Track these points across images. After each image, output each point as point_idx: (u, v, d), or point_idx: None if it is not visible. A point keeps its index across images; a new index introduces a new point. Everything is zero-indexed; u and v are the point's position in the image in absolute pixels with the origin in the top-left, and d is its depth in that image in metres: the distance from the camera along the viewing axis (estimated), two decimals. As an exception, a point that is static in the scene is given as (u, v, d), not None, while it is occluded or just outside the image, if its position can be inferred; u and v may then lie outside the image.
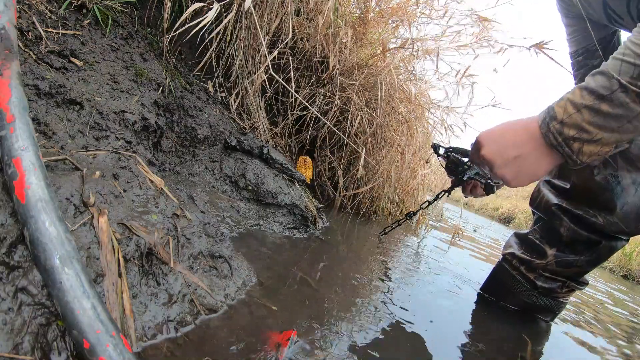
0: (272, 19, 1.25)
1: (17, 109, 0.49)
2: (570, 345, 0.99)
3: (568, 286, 0.99)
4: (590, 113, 0.59)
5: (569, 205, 0.94)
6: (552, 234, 0.99)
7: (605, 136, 0.60)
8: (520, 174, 0.70)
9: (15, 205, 0.44)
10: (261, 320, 0.60)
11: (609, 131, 0.59)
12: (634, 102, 0.56)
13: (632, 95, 0.56)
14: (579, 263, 0.95)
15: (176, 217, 0.65)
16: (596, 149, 0.62)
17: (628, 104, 0.56)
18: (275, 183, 1.12)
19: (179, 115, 1.08)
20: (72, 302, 0.39)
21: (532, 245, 1.02)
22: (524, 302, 1.03)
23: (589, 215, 0.91)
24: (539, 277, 0.99)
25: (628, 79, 0.55)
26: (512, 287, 1.04)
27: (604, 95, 0.58)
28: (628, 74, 0.55)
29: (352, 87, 1.60)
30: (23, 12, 0.72)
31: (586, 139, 0.61)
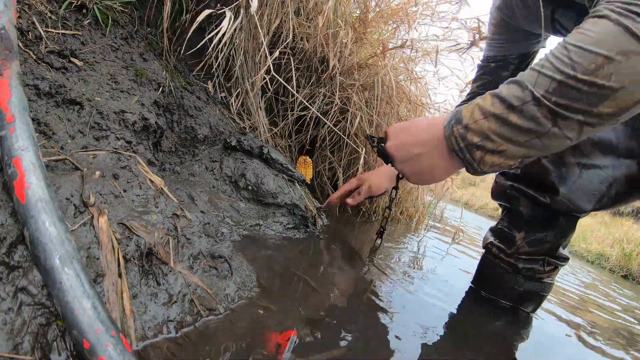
0: (272, 19, 1.25)
1: (17, 109, 0.49)
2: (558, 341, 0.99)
3: (548, 263, 1.02)
4: (498, 122, 0.56)
5: (522, 186, 0.99)
6: (516, 217, 1.04)
7: (510, 149, 0.57)
8: (420, 173, 0.69)
9: (15, 205, 0.44)
10: (261, 320, 0.60)
11: (516, 144, 0.56)
12: (545, 117, 0.53)
13: (544, 110, 0.53)
14: (547, 238, 0.99)
15: (176, 217, 0.65)
16: (499, 160, 0.59)
17: (539, 118, 0.53)
18: (275, 183, 1.12)
19: (179, 115, 1.08)
20: (72, 302, 0.39)
21: (503, 234, 1.07)
22: (512, 291, 1.06)
23: (539, 195, 0.96)
24: (519, 260, 1.03)
25: (543, 92, 0.52)
26: (498, 276, 1.08)
27: (515, 105, 0.55)
28: (543, 87, 0.53)
29: (352, 87, 1.60)
30: (23, 12, 0.72)
31: (490, 148, 0.58)
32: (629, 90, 0.49)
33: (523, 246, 1.02)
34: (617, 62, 0.48)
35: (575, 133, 0.53)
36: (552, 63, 0.53)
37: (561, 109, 0.52)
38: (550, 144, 0.55)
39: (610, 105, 0.50)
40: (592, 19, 0.52)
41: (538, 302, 1.08)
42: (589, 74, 0.49)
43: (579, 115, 0.51)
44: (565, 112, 0.52)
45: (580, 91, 0.50)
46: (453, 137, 0.61)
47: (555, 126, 0.53)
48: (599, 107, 0.50)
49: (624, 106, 0.50)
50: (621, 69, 0.48)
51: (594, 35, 0.50)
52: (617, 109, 0.50)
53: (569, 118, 0.52)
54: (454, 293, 1.10)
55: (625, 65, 0.48)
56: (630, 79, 0.48)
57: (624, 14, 0.48)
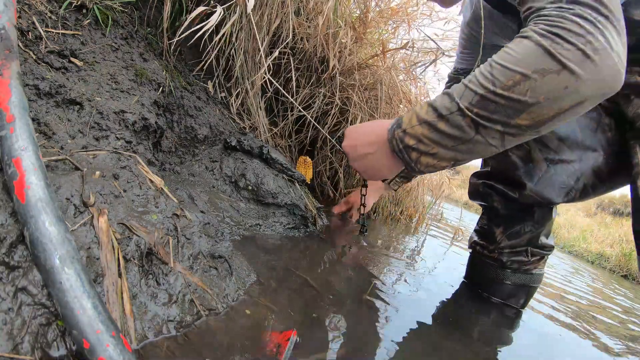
0: (272, 19, 1.25)
1: (17, 109, 0.49)
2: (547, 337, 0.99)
3: (532, 253, 1.04)
4: (429, 128, 0.62)
5: (493, 182, 1.05)
6: (493, 214, 1.09)
7: (440, 152, 0.63)
8: (369, 170, 0.76)
9: (15, 205, 0.44)
10: (261, 320, 0.60)
11: (445, 148, 0.62)
12: (468, 126, 0.58)
13: (468, 120, 0.58)
14: (525, 229, 1.03)
15: (176, 217, 0.65)
16: (433, 161, 0.65)
17: (463, 127, 0.59)
18: (275, 183, 1.12)
19: (179, 115, 1.08)
20: (72, 302, 0.39)
21: (484, 232, 1.12)
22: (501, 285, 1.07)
23: (509, 190, 1.01)
24: (502, 254, 1.06)
25: (467, 104, 0.58)
26: (486, 272, 1.11)
27: (444, 114, 0.60)
28: (468, 100, 0.58)
29: (353, 87, 1.60)
30: (23, 12, 0.72)
31: (423, 150, 0.64)
32: (543, 105, 0.53)
33: (503, 240, 1.06)
34: (533, 80, 0.53)
35: (498, 141, 0.59)
36: (477, 78, 0.58)
37: (482, 120, 0.57)
38: (475, 149, 0.61)
39: (527, 118, 0.55)
40: (518, 38, 0.57)
41: (528, 295, 1.09)
42: (507, 90, 0.54)
43: (498, 125, 0.57)
44: (485, 122, 0.57)
45: (498, 104, 0.55)
46: (394, 140, 0.67)
47: (478, 134, 0.59)
48: (515, 120, 0.56)
49: (540, 120, 0.55)
50: (536, 86, 0.53)
51: (515, 54, 0.55)
52: (533, 122, 0.55)
53: (489, 128, 0.57)
54: (453, 292, 1.10)
55: (541, 82, 0.52)
56: (545, 95, 0.53)
57: (545, 35, 0.52)
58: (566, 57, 0.51)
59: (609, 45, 0.50)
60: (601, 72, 0.50)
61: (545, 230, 1.04)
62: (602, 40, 0.50)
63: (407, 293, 0.96)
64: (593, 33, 0.50)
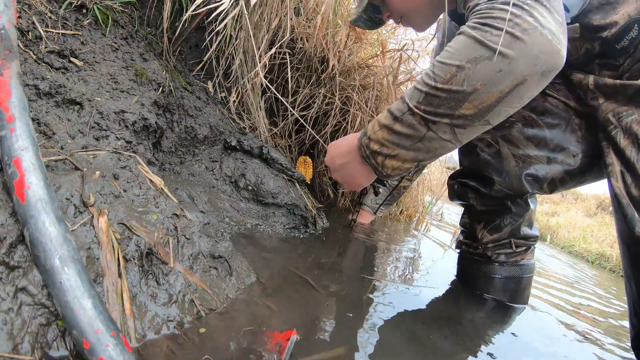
0: (271, 19, 1.25)
1: (17, 109, 0.49)
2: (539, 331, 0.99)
3: (516, 245, 1.06)
4: (388, 131, 0.66)
5: (466, 180, 1.08)
6: (471, 211, 1.13)
7: (401, 153, 0.66)
8: (347, 180, 0.80)
9: (15, 205, 0.44)
10: (261, 320, 0.60)
11: (404, 148, 0.65)
12: (419, 124, 0.62)
13: (418, 118, 0.61)
14: (504, 222, 1.06)
15: (176, 217, 0.65)
16: (397, 163, 0.68)
17: (415, 125, 0.62)
18: (275, 183, 1.12)
19: (179, 115, 1.08)
20: (72, 302, 0.39)
21: (467, 230, 1.15)
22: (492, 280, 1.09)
23: (480, 186, 1.05)
24: (487, 249, 1.08)
25: (415, 102, 0.61)
26: (475, 269, 1.13)
27: (397, 116, 0.64)
28: (415, 99, 0.61)
29: (352, 87, 1.60)
30: (23, 12, 0.72)
31: (386, 153, 0.67)
32: (482, 92, 0.56)
33: (485, 235, 1.09)
34: (468, 69, 0.56)
35: (450, 135, 0.62)
36: (422, 78, 0.62)
37: (429, 115, 0.60)
38: (432, 146, 0.64)
39: (469, 107, 0.58)
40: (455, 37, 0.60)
41: (520, 287, 1.10)
42: (446, 83, 0.58)
43: (445, 118, 0.60)
44: (433, 117, 0.60)
45: (441, 98, 0.59)
46: (362, 147, 0.71)
47: (430, 130, 0.62)
48: (459, 110, 0.58)
49: (483, 107, 0.57)
50: (471, 74, 0.55)
51: (451, 50, 0.58)
52: (476, 109, 0.58)
53: (437, 122, 0.60)
54: (453, 292, 1.10)
55: (474, 70, 0.55)
56: (481, 81, 0.55)
57: (475, 27, 0.56)
58: (495, 42, 0.53)
59: (538, 24, 0.52)
60: (532, 50, 0.52)
61: (526, 221, 1.07)
62: (530, 20, 0.52)
63: (407, 293, 0.96)
64: (520, 15, 0.52)
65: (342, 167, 0.78)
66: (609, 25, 0.74)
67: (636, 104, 0.73)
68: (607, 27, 0.74)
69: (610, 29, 0.74)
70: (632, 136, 0.72)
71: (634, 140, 0.72)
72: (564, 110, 0.89)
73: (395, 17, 0.94)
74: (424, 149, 0.64)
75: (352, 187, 0.82)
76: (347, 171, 0.78)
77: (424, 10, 0.89)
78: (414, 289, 1.01)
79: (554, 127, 0.91)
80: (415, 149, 0.65)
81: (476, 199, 1.08)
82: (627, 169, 0.72)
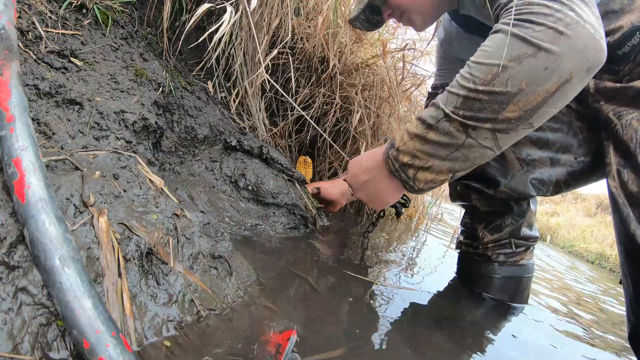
0: (272, 19, 1.25)
1: (17, 109, 0.49)
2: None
3: (516, 245, 1.06)
4: (420, 141, 0.61)
5: (469, 182, 1.06)
6: (473, 212, 1.12)
7: (436, 164, 0.62)
8: (373, 197, 0.75)
9: (15, 205, 0.44)
10: (261, 320, 0.60)
11: (439, 159, 0.61)
12: (457, 130, 0.57)
13: (456, 124, 0.57)
14: (506, 222, 1.06)
15: (176, 217, 0.65)
16: (430, 176, 0.63)
17: (452, 132, 0.58)
18: (275, 183, 1.12)
19: (179, 115, 1.08)
20: (72, 302, 0.39)
21: (467, 230, 1.15)
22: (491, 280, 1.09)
23: (484, 187, 1.04)
24: (487, 249, 1.08)
25: (452, 108, 0.57)
26: (475, 269, 1.13)
27: (431, 124, 0.60)
28: (452, 104, 0.57)
29: (353, 86, 1.59)
30: (23, 12, 0.72)
31: (419, 165, 0.63)
32: (527, 92, 0.52)
33: (486, 235, 1.08)
34: (511, 68, 0.52)
35: (491, 141, 0.57)
36: (458, 81, 0.58)
37: (469, 120, 0.56)
38: (470, 155, 0.59)
39: (514, 109, 0.54)
40: (490, 34, 0.56)
41: (520, 287, 1.10)
42: (487, 84, 0.53)
43: (487, 123, 0.55)
44: (473, 122, 0.56)
45: (482, 101, 0.54)
46: (389, 160, 0.67)
47: (469, 137, 0.57)
48: (503, 113, 0.54)
49: (529, 108, 0.53)
50: (516, 73, 0.52)
51: (489, 49, 0.54)
52: (521, 112, 0.54)
53: (478, 127, 0.56)
54: (453, 291, 1.10)
55: (519, 69, 0.52)
56: (527, 81, 0.52)
57: (515, 24, 0.52)
58: (539, 38, 0.50)
59: (580, 18, 0.50)
60: (578, 44, 0.50)
61: (526, 222, 1.07)
62: (572, 14, 0.50)
63: (407, 293, 0.96)
64: (561, 10, 0.50)
65: (367, 184, 0.74)
66: (613, 31, 0.73)
67: (636, 105, 0.73)
68: (610, 33, 0.74)
69: (613, 34, 0.73)
70: (632, 130, 0.72)
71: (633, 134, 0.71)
72: (566, 113, 0.90)
73: (396, 15, 0.92)
74: (462, 158, 0.60)
75: (379, 205, 0.77)
76: (373, 188, 0.73)
77: (426, 8, 0.88)
78: (414, 289, 1.01)
79: (557, 130, 0.91)
80: (451, 159, 0.60)
81: (479, 200, 1.08)
82: (626, 163, 0.72)
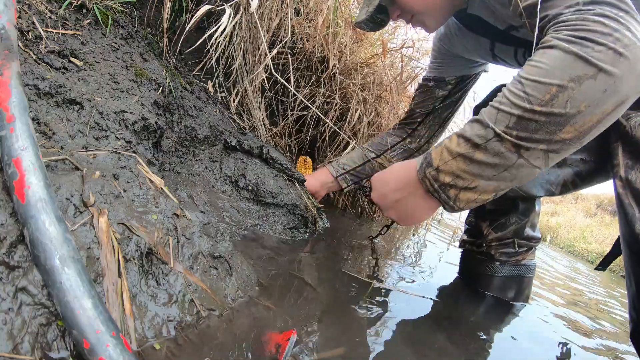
0: (271, 19, 1.25)
1: (17, 109, 0.49)
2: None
3: (519, 245, 1.08)
4: (465, 161, 0.58)
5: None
6: (478, 210, 1.13)
7: (481, 184, 0.59)
8: (405, 216, 0.73)
9: (15, 205, 0.44)
10: (261, 320, 0.60)
11: (485, 179, 0.58)
12: (509, 151, 0.55)
13: (508, 145, 0.55)
14: (510, 221, 1.07)
15: (176, 217, 0.65)
16: (474, 196, 0.61)
17: (503, 153, 0.55)
18: (275, 183, 1.12)
19: (179, 115, 1.08)
20: (72, 302, 0.39)
21: (472, 228, 1.16)
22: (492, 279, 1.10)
23: None
24: (490, 248, 1.10)
25: (504, 128, 0.54)
26: (477, 267, 1.14)
27: (479, 144, 0.57)
28: (504, 124, 0.55)
29: (353, 86, 1.59)
30: (23, 12, 0.72)
31: (462, 186, 0.60)
32: (585, 114, 0.50)
33: (490, 233, 1.10)
34: (571, 89, 0.50)
35: (542, 161, 0.55)
36: (509, 99, 0.55)
37: (523, 142, 0.54)
38: (519, 175, 0.57)
39: (570, 130, 0.52)
40: (542, 49, 0.54)
41: (522, 286, 1.10)
42: (545, 105, 0.51)
43: (542, 145, 0.53)
44: (527, 143, 0.54)
45: (539, 122, 0.52)
46: (427, 180, 0.64)
47: (521, 157, 0.55)
48: (559, 134, 0.52)
49: (584, 129, 0.52)
50: (575, 94, 0.50)
51: (545, 66, 0.52)
52: (577, 133, 0.52)
53: (531, 149, 0.54)
54: (453, 291, 1.10)
55: (579, 90, 0.50)
56: (586, 103, 0.50)
57: (572, 41, 0.50)
58: (599, 58, 0.48)
59: (637, 38, 0.48)
60: (636, 67, 0.48)
61: (530, 222, 1.08)
62: (629, 35, 0.48)
63: (407, 293, 0.96)
64: (619, 29, 0.48)
65: (398, 204, 0.71)
66: None
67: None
68: None
69: None
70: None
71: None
72: None
73: (405, 16, 0.91)
74: (509, 177, 0.57)
75: (411, 222, 0.75)
76: (405, 207, 0.71)
77: (439, 10, 0.87)
78: (414, 289, 1.01)
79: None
80: (499, 179, 0.58)
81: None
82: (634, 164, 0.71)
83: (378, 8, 0.95)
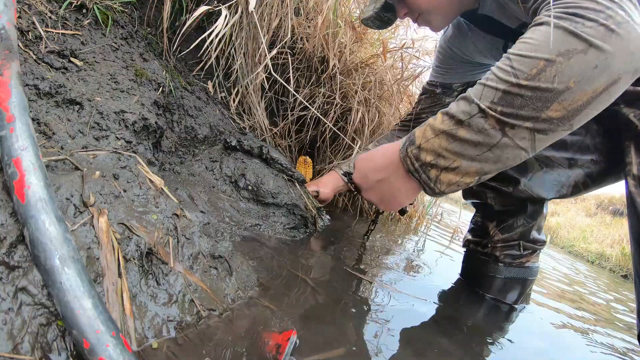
0: (271, 19, 1.25)
1: (17, 109, 0.49)
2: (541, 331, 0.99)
3: (524, 247, 1.07)
4: (448, 139, 0.56)
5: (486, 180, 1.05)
6: (486, 210, 1.12)
7: (463, 164, 0.56)
8: (385, 199, 0.69)
9: (15, 205, 0.44)
10: (261, 320, 0.60)
11: (468, 159, 0.56)
12: (493, 128, 0.52)
13: (492, 121, 0.52)
14: (518, 223, 1.06)
15: (176, 217, 0.65)
16: (455, 177, 0.58)
17: (487, 130, 0.53)
18: (275, 183, 1.12)
19: (179, 115, 1.08)
20: (72, 302, 0.39)
21: (477, 228, 1.15)
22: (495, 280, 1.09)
23: (502, 186, 1.03)
24: (495, 249, 1.09)
25: (488, 103, 0.52)
26: (480, 268, 1.13)
27: (462, 120, 0.54)
28: (489, 99, 0.52)
29: (353, 86, 1.60)
30: (23, 12, 0.72)
31: (443, 166, 0.57)
32: (574, 90, 0.49)
33: (496, 234, 1.09)
34: (559, 64, 0.48)
35: (528, 142, 0.53)
36: (496, 74, 0.53)
37: (508, 118, 0.51)
38: (503, 156, 0.55)
39: (558, 108, 0.50)
40: (533, 27, 0.53)
41: (523, 289, 1.10)
42: (531, 79, 0.49)
43: (527, 122, 0.51)
44: (512, 120, 0.51)
45: (525, 97, 0.50)
46: (408, 159, 0.61)
47: (505, 136, 0.53)
48: (546, 112, 0.50)
49: (573, 109, 0.50)
50: (563, 69, 0.48)
51: (534, 41, 0.50)
52: (565, 111, 0.50)
53: (516, 126, 0.52)
54: (452, 291, 1.10)
55: (567, 65, 0.48)
56: (575, 78, 0.48)
57: (563, 17, 0.49)
58: (590, 34, 0.47)
59: (630, 18, 0.48)
60: (629, 45, 0.47)
61: (537, 224, 1.07)
62: (622, 13, 0.47)
63: (407, 292, 0.96)
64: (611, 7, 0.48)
65: (379, 185, 0.68)
66: None
67: None
68: None
69: None
70: None
71: None
72: None
73: (412, 15, 0.89)
74: (493, 159, 0.55)
75: (391, 207, 0.71)
76: (386, 189, 0.67)
77: (448, 10, 0.86)
78: (414, 289, 1.01)
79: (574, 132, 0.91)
80: (482, 160, 0.55)
81: (495, 199, 1.07)
82: None
83: (385, 6, 0.93)
